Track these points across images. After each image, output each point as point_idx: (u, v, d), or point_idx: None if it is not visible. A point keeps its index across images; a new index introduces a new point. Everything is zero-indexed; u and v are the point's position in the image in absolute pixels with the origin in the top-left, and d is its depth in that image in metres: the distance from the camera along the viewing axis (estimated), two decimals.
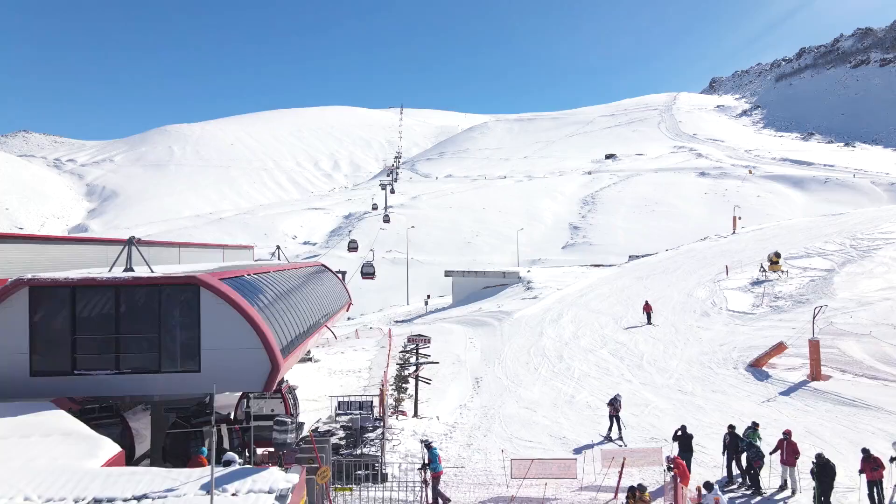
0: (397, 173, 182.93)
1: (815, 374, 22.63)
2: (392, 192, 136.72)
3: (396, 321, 54.10)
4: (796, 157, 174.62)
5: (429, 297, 66.89)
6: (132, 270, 12.86)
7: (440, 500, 13.25)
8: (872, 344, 25.55)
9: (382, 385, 20.19)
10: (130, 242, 13.04)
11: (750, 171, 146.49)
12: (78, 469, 8.25)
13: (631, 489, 11.91)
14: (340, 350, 36.57)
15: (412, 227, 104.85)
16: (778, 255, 45.38)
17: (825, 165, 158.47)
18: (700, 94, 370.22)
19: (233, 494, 7.68)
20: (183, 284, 12.37)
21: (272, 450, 13.24)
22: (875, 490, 12.64)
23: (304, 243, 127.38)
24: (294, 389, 17.76)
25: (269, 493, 7.52)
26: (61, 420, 10.18)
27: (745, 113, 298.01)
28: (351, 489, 12.68)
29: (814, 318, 23.86)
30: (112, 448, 9.17)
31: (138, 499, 7.30)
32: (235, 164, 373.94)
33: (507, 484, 13.96)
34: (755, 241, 60.66)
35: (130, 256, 13.06)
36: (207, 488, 7.50)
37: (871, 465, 12.74)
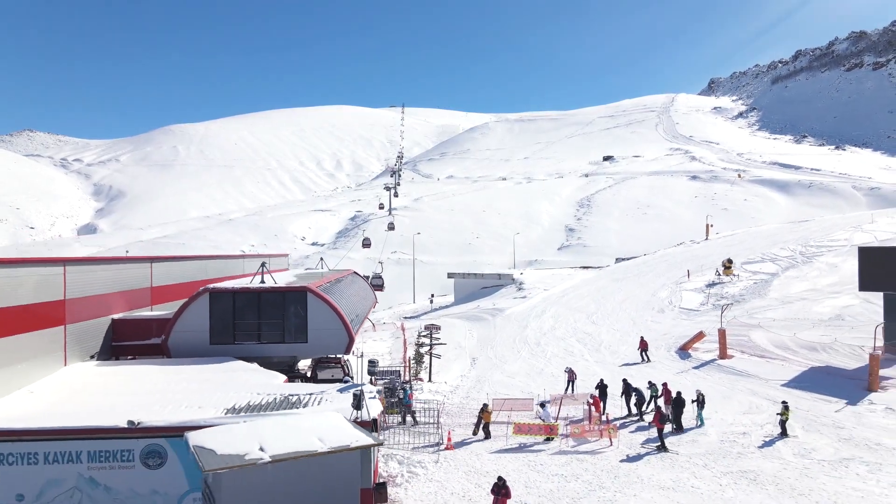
0: (400, 175, 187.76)
1: (722, 354, 30.79)
2: (395, 195, 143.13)
3: (405, 317, 61.90)
4: (785, 161, 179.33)
5: (433, 296, 74.14)
6: (264, 283, 21.24)
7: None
8: (773, 333, 33.74)
9: (405, 361, 28.46)
10: (263, 265, 21.38)
11: (739, 176, 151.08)
12: (272, 384, 16.46)
13: (482, 406, 20.02)
14: (362, 340, 44.73)
15: (418, 233, 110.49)
16: (730, 260, 53.12)
17: (812, 170, 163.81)
18: (698, 95, 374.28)
19: None
20: (298, 291, 20.70)
21: None
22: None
23: (313, 244, 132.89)
24: (347, 361, 26.13)
25: (370, 391, 15.68)
26: (247, 364, 18.48)
27: (741, 115, 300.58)
28: (396, 411, 21.16)
29: (721, 313, 32.04)
30: (283, 376, 17.42)
31: (310, 393, 15.40)
32: (239, 163, 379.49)
33: None
34: (722, 246, 67.86)
35: (263, 274, 21.44)
36: (342, 391, 15.66)
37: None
